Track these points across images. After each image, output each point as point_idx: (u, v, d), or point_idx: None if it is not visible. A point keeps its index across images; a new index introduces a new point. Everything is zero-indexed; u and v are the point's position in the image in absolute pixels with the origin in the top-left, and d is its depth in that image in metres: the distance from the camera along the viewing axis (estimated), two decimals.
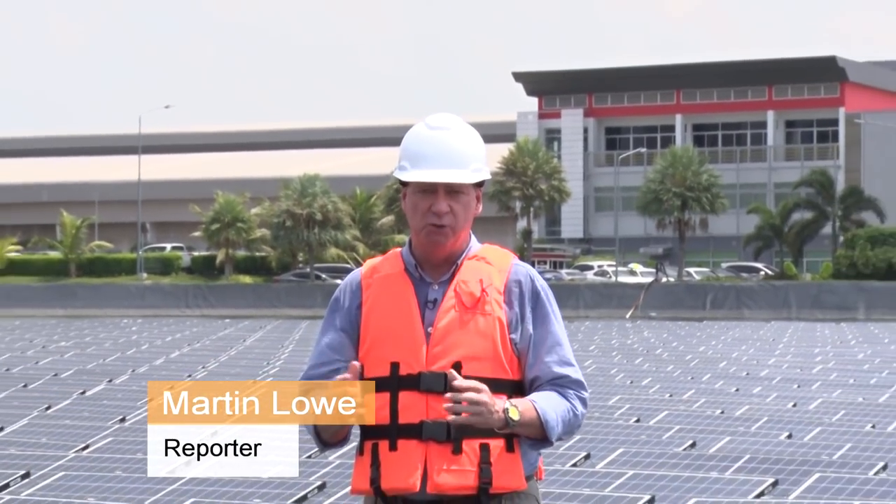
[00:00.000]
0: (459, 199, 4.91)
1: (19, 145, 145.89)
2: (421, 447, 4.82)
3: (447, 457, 4.81)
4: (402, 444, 4.83)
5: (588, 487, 11.86)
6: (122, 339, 44.39)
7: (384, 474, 4.85)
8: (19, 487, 12.33)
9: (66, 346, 40.36)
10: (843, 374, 28.10)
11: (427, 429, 4.80)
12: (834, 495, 11.41)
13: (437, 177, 4.90)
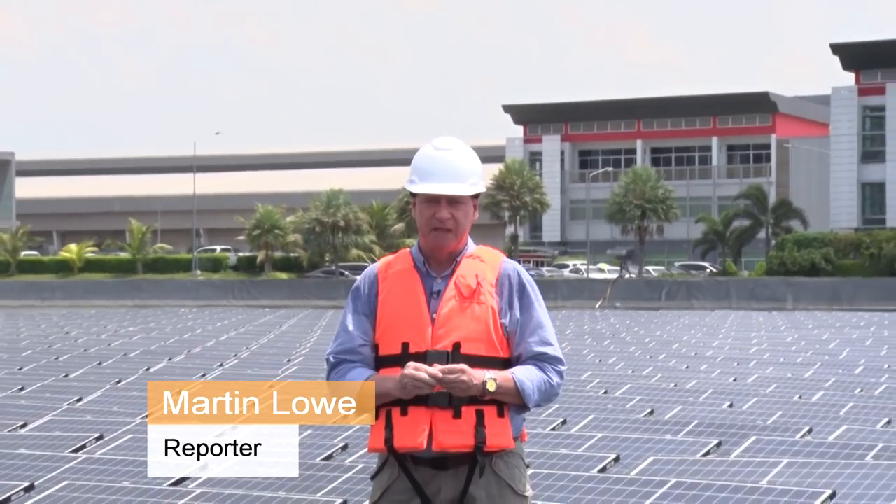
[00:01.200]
0: (459, 208, 4.94)
1: (95, 165, 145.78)
2: (427, 413, 4.84)
3: (449, 421, 4.83)
4: (411, 410, 4.85)
5: (565, 448, 11.83)
6: (180, 325, 44.38)
7: (396, 435, 4.87)
8: (94, 448, 12.32)
9: (134, 330, 40.33)
10: (774, 354, 28.06)
11: (432, 398, 4.83)
12: (767, 455, 11.38)
13: (441, 189, 4.93)
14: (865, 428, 13.82)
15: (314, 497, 9.24)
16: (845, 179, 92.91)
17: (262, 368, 23.30)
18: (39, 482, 9.94)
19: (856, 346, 31.09)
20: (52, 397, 17.51)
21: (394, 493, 4.94)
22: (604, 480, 9.71)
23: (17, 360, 25.89)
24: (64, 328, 42.27)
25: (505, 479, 4.93)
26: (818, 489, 9.23)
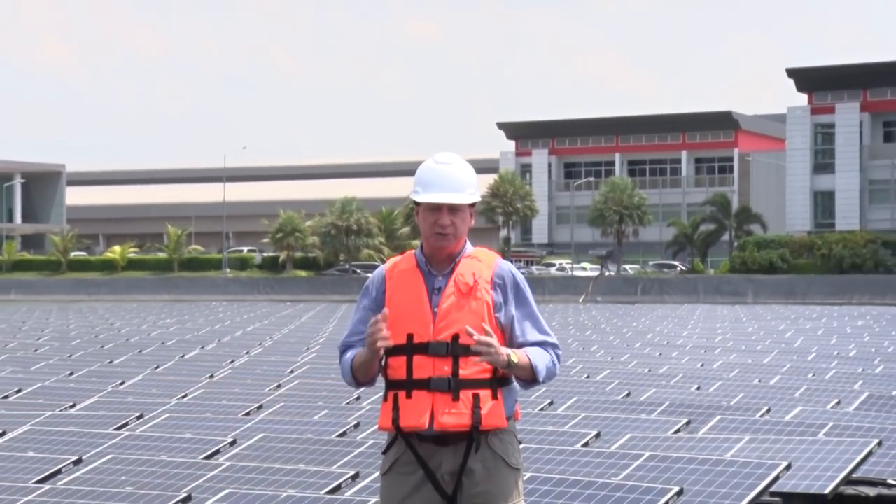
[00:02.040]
0: (458, 215, 4.96)
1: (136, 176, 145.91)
2: (429, 396, 4.85)
3: (448, 403, 4.84)
4: (415, 394, 4.87)
5: (552, 425, 11.82)
6: (211, 317, 44.37)
7: (402, 416, 4.88)
8: (136, 426, 12.32)
9: (170, 322, 40.34)
10: (737, 343, 28.05)
11: (434, 383, 4.85)
12: (731, 432, 11.38)
13: (441, 199, 4.95)
14: (817, 408, 13.82)
15: (330, 469, 9.25)
16: (799, 188, 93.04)
17: (283, 356, 23.29)
18: (87, 456, 9.95)
19: (809, 335, 31.08)
20: (98, 381, 17.51)
21: (401, 466, 4.95)
22: (586, 454, 9.71)
23: (67, 348, 25.90)
24: (109, 320, 42.29)
25: (499, 453, 4.94)
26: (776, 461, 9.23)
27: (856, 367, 19.89)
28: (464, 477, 4.90)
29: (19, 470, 9.36)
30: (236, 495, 7.84)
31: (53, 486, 8.59)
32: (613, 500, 7.83)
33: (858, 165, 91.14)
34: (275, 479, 8.79)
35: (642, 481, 8.49)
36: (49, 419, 12.71)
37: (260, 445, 10.44)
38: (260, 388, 16.16)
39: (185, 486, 8.66)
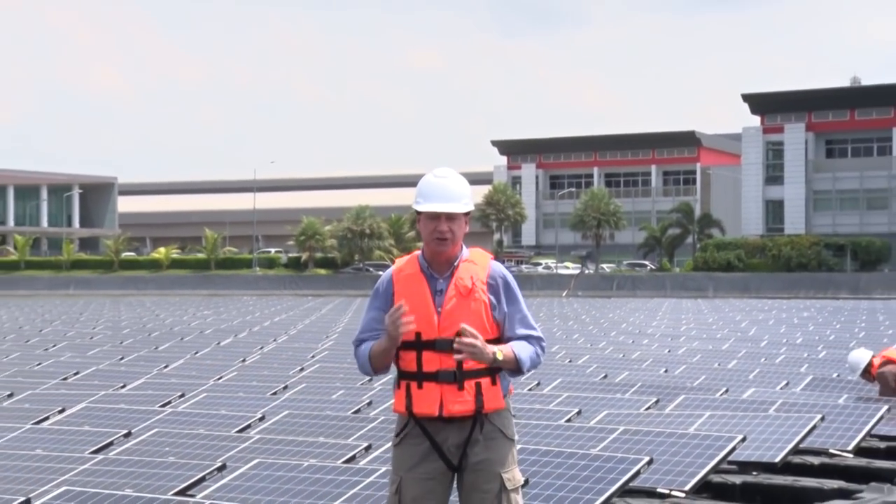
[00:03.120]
0: (455, 222, 4.96)
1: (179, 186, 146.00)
2: (438, 387, 4.86)
3: (454, 392, 4.85)
4: (425, 385, 4.87)
5: (539, 404, 11.82)
6: (243, 310, 44.44)
7: (414, 403, 4.89)
8: (178, 403, 12.32)
9: (208, 313, 40.38)
10: (699, 332, 28.08)
11: (441, 375, 4.85)
12: (694, 409, 11.38)
13: (440, 208, 4.94)
14: (769, 389, 13.82)
15: (346, 441, 9.25)
16: (753, 198, 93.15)
17: (306, 343, 23.32)
18: (135, 430, 9.95)
19: (761, 325, 31.13)
20: (146, 365, 17.54)
21: (410, 438, 4.95)
22: (569, 428, 9.71)
23: (119, 336, 25.94)
24: (154, 312, 42.34)
25: (498, 426, 4.94)
26: (733, 434, 9.23)
27: (802, 353, 19.92)
28: (467, 448, 4.90)
29: (76, 442, 9.36)
30: (265, 464, 7.83)
31: (106, 455, 8.59)
32: (592, 468, 7.82)
33: (804, 178, 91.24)
34: (298, 450, 8.79)
35: (617, 452, 8.49)
36: (102, 398, 12.72)
37: (285, 421, 10.45)
38: (285, 371, 16.19)
39: (220, 455, 8.66)
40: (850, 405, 11.60)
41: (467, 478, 4.91)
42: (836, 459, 10.16)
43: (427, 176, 5.07)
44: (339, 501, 7.02)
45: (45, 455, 8.50)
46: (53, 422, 10.77)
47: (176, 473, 7.83)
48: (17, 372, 16.31)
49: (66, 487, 6.75)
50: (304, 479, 7.42)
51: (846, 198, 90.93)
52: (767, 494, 8.87)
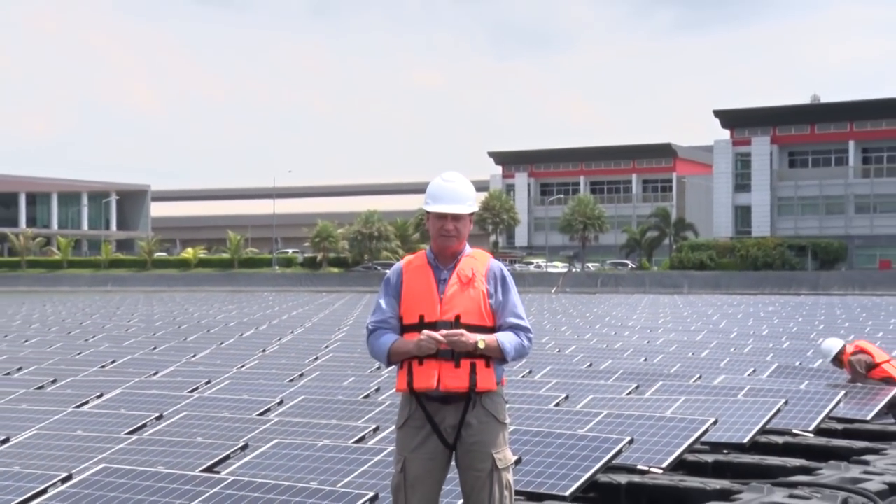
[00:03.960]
0: (460, 221, 4.97)
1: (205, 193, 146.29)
2: (436, 364, 4.84)
3: (451, 370, 4.83)
4: (425, 362, 4.85)
5: (531, 390, 11.82)
6: (263, 304, 44.46)
7: (415, 379, 4.87)
8: (204, 389, 12.32)
9: (232, 308, 40.39)
10: (675, 324, 28.08)
11: (440, 353, 4.85)
12: (671, 394, 11.36)
13: (447, 209, 4.94)
14: (738, 375, 13.82)
15: (356, 423, 9.24)
16: (723, 203, 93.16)
17: (320, 334, 23.32)
18: (166, 413, 9.95)
19: (731, 319, 31.13)
20: (176, 354, 17.54)
21: (412, 422, 4.94)
22: (557, 412, 9.71)
23: (152, 328, 25.94)
24: (184, 307, 42.35)
25: (491, 411, 4.92)
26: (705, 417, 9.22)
27: (768, 344, 19.92)
28: (462, 429, 4.89)
29: (113, 423, 9.36)
30: (283, 444, 7.83)
31: (140, 436, 8.59)
32: (579, 447, 7.81)
33: (769, 186, 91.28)
34: (313, 431, 8.79)
35: (601, 433, 8.48)
36: (136, 384, 12.72)
37: (301, 405, 10.45)
38: (301, 360, 16.19)
39: (243, 436, 8.65)
40: (810, 391, 11.59)
41: (462, 458, 4.91)
42: (799, 439, 10.17)
43: (436, 179, 5.07)
44: (350, 478, 7.02)
45: (85, 435, 8.50)
46: (92, 406, 10.78)
47: (203, 452, 7.82)
48: (59, 360, 16.32)
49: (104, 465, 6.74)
50: (319, 458, 7.42)
51: (807, 204, 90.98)
52: (737, 471, 8.87)
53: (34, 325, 27.87)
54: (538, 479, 7.39)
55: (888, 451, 9.33)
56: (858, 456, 9.20)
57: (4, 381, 13.33)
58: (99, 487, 6.25)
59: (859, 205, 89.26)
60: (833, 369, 13.69)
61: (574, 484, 7.30)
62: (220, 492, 6.00)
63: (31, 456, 7.94)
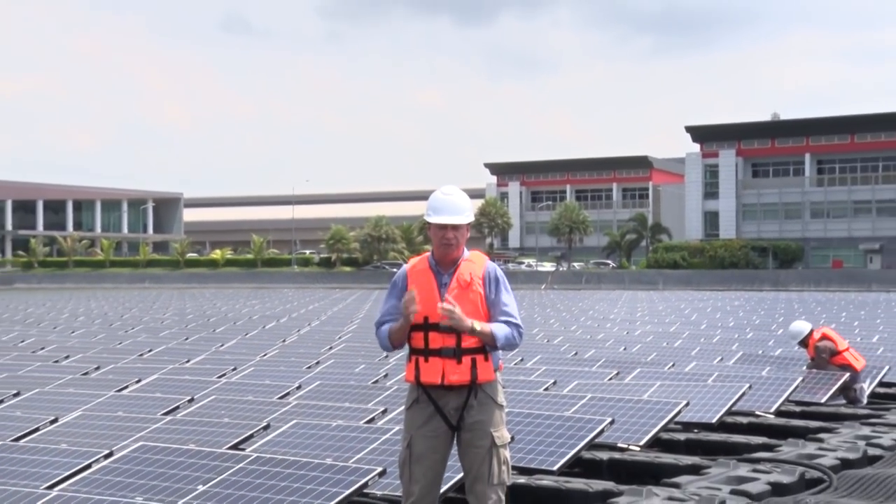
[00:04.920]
0: (458, 231, 4.94)
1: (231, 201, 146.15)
2: (441, 360, 4.83)
3: (454, 365, 4.81)
4: (431, 359, 4.84)
5: (522, 376, 11.81)
6: (284, 300, 44.44)
7: (422, 374, 4.85)
8: (231, 375, 12.31)
9: (255, 303, 40.39)
10: (651, 317, 28.08)
11: (443, 351, 4.83)
12: (647, 379, 11.38)
13: (447, 220, 4.92)
14: (707, 363, 13.82)
15: (366, 406, 9.23)
16: (694, 209, 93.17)
17: (334, 326, 23.32)
18: (197, 396, 9.94)
19: (701, 312, 31.13)
20: (205, 344, 17.54)
21: (419, 403, 4.93)
22: (546, 396, 9.70)
23: (184, 321, 25.94)
24: (213, 301, 42.35)
25: (490, 394, 4.91)
26: (678, 400, 9.21)
27: (733, 334, 19.92)
28: (464, 411, 4.87)
29: (150, 406, 9.36)
30: (301, 424, 7.82)
31: (174, 417, 8.59)
32: (566, 427, 7.81)
33: (735, 194, 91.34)
34: (328, 413, 8.78)
35: (585, 414, 8.47)
36: (171, 371, 12.71)
37: (318, 389, 10.44)
38: (317, 349, 16.18)
39: (265, 417, 8.65)
40: (771, 376, 11.59)
41: (464, 436, 4.89)
42: (761, 420, 10.16)
43: (436, 192, 5.04)
44: (362, 454, 7.01)
45: (124, 416, 8.49)
46: (131, 390, 10.78)
47: (229, 431, 7.82)
48: (102, 349, 16.31)
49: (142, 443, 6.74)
50: (333, 436, 7.41)
51: (768, 210, 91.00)
52: (706, 448, 8.87)
53: (80, 318, 27.87)
54: (529, 455, 7.39)
55: (840, 430, 9.33)
56: (814, 434, 9.20)
57: (54, 367, 13.34)
58: (137, 463, 6.25)
59: (814, 211, 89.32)
60: (791, 357, 13.69)
61: (561, 460, 7.30)
62: (244, 467, 6.00)
63: (77, 434, 7.94)
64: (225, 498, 5.69)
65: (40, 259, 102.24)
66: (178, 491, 5.81)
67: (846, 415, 10.73)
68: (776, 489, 6.87)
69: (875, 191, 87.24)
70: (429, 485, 4.87)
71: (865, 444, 8.55)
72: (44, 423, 8.30)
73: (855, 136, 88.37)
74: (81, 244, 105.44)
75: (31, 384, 11.15)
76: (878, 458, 8.16)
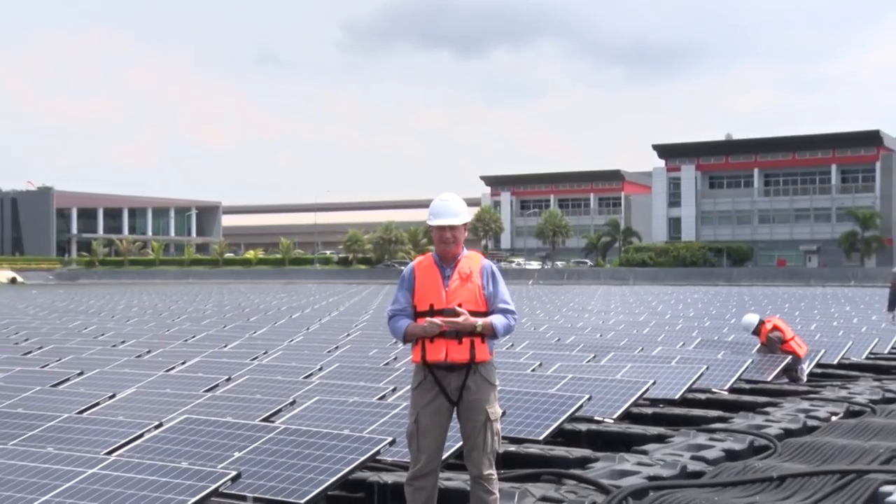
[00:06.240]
0: (456, 231, 4.91)
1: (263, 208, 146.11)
2: (444, 341, 4.80)
3: (456, 346, 4.79)
4: (436, 340, 4.81)
5: (512, 359, 11.80)
6: (307, 294, 44.44)
7: (427, 353, 4.83)
8: (262, 358, 12.30)
9: (283, 296, 40.40)
10: (623, 308, 28.07)
11: (447, 333, 4.79)
12: (620, 362, 11.32)
13: (446, 222, 4.90)
14: (671, 347, 13.81)
15: (378, 385, 9.23)
16: (660, 216, 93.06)
17: (351, 316, 23.31)
18: (233, 376, 9.94)
19: (666, 304, 31.10)
20: (240, 331, 17.55)
21: (425, 383, 4.90)
22: (532, 376, 9.70)
23: (222, 311, 25.94)
24: (247, 295, 42.34)
25: (485, 376, 4.89)
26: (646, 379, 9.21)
27: (693, 323, 19.92)
28: (463, 390, 4.86)
29: (193, 384, 9.36)
30: (322, 400, 7.82)
31: (213, 393, 8.59)
32: (550, 402, 7.80)
33: (694, 202, 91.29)
34: (346, 390, 8.78)
35: (567, 392, 8.47)
36: (211, 354, 12.71)
37: (336, 370, 10.44)
38: (336, 336, 16.18)
39: (291, 393, 8.65)
40: (726, 359, 11.58)
41: (463, 412, 4.88)
42: (717, 396, 10.16)
43: (436, 199, 5.03)
44: (374, 426, 7.00)
45: (172, 393, 8.50)
46: (178, 370, 10.78)
47: (261, 406, 7.82)
48: (153, 336, 16.32)
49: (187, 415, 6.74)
50: (350, 411, 7.41)
51: (723, 216, 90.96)
52: (670, 420, 8.86)
53: (133, 309, 27.87)
54: (519, 427, 7.38)
55: (783, 405, 9.34)
56: (761, 408, 9.20)
57: (112, 351, 13.34)
58: (182, 433, 6.25)
59: (762, 217, 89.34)
60: (743, 342, 13.70)
61: (545, 431, 7.30)
62: (274, 437, 6.00)
63: (131, 408, 7.94)
64: (257, 463, 5.69)
65: (100, 258, 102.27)
66: (218, 457, 5.81)
67: (789, 391, 10.73)
68: (729, 455, 6.88)
69: (813, 200, 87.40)
70: (433, 453, 4.87)
71: (805, 416, 8.56)
72: (103, 398, 8.30)
73: (796, 153, 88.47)
74: (135, 246, 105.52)
75: (92, 365, 11.16)
76: (815, 428, 8.17)
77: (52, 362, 11.69)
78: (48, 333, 16.97)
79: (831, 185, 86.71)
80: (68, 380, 9.81)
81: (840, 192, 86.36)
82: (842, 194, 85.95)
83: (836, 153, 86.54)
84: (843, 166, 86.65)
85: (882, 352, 14.75)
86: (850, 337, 15.22)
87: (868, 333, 16.05)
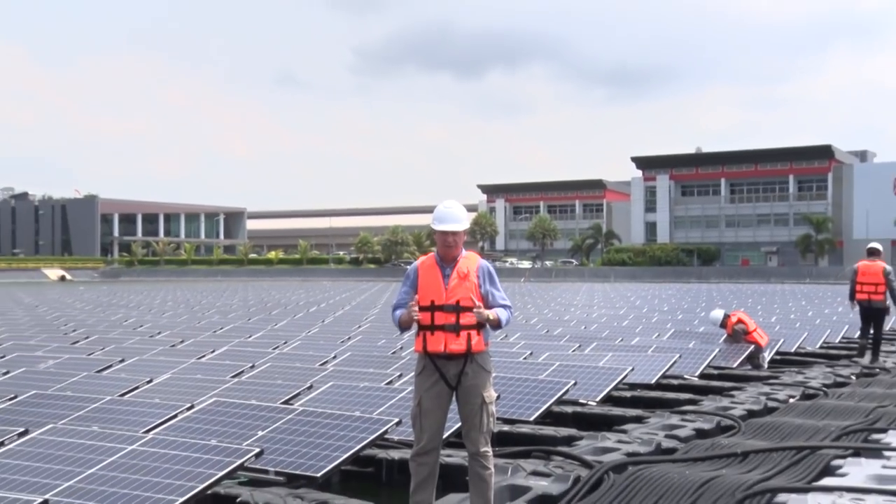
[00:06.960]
0: (457, 235, 4.89)
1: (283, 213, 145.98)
2: (443, 334, 4.77)
3: (454, 338, 4.76)
4: (436, 333, 4.79)
5: (506, 348, 11.80)
6: (323, 290, 44.39)
7: (428, 344, 4.80)
8: (282, 347, 12.29)
9: (301, 292, 40.36)
10: (605, 302, 28.04)
11: (446, 327, 4.77)
12: (602, 351, 11.37)
13: (448, 227, 4.87)
14: (648, 338, 13.81)
15: (386, 371, 9.23)
16: (638, 221, 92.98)
17: (361, 310, 23.29)
18: (257, 363, 9.94)
19: (643, 299, 31.07)
20: (263, 323, 17.54)
21: (426, 371, 4.88)
22: (524, 364, 9.70)
23: (247, 305, 25.91)
24: (268, 291, 42.30)
25: (481, 363, 4.87)
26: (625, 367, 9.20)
27: (668, 316, 19.91)
28: (461, 377, 4.85)
29: (220, 370, 9.36)
30: (336, 385, 7.82)
31: (239, 379, 8.59)
32: (539, 387, 7.80)
33: (668, 208, 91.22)
34: (357, 376, 8.78)
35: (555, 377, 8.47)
36: (237, 344, 12.71)
37: (349, 358, 10.44)
38: (349, 327, 16.18)
39: (309, 378, 8.65)
40: (696, 348, 11.58)
41: (461, 396, 4.87)
42: (688, 381, 10.16)
43: (440, 206, 5.01)
44: (382, 408, 7.01)
45: (202, 378, 8.50)
46: (208, 358, 10.78)
47: (282, 390, 7.82)
48: (185, 327, 16.31)
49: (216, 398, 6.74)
50: (361, 395, 7.41)
51: (694, 221, 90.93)
52: (647, 403, 8.86)
53: (168, 303, 27.86)
54: (512, 409, 7.39)
55: (747, 389, 9.33)
56: (728, 392, 9.20)
57: (149, 341, 13.35)
58: (212, 414, 6.26)
59: (728, 222, 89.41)
60: (711, 333, 13.70)
61: (536, 412, 7.30)
62: (293, 417, 6.01)
63: (166, 392, 7.95)
64: (278, 441, 5.70)
65: (139, 258, 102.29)
66: (243, 435, 5.82)
67: (751, 377, 10.73)
68: (699, 433, 6.88)
69: (773, 206, 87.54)
70: (434, 432, 4.87)
71: (766, 398, 8.56)
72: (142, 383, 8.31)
73: (758, 165, 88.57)
74: (169, 247, 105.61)
75: (132, 353, 11.16)
76: (774, 409, 8.17)
77: (97, 351, 11.69)
78: (94, 325, 16.98)
79: (789, 194, 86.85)
80: (111, 366, 9.81)
81: (797, 199, 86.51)
82: (798, 201, 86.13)
83: (793, 165, 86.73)
84: (800, 177, 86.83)
85: (834, 341, 14.78)
86: (806, 328, 15.25)
87: (821, 325, 16.08)
